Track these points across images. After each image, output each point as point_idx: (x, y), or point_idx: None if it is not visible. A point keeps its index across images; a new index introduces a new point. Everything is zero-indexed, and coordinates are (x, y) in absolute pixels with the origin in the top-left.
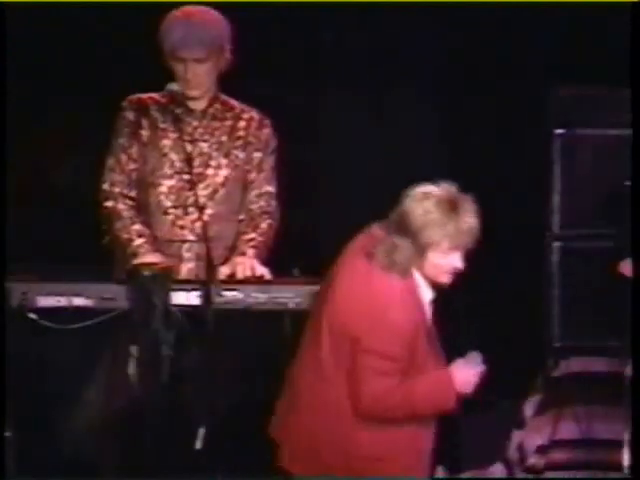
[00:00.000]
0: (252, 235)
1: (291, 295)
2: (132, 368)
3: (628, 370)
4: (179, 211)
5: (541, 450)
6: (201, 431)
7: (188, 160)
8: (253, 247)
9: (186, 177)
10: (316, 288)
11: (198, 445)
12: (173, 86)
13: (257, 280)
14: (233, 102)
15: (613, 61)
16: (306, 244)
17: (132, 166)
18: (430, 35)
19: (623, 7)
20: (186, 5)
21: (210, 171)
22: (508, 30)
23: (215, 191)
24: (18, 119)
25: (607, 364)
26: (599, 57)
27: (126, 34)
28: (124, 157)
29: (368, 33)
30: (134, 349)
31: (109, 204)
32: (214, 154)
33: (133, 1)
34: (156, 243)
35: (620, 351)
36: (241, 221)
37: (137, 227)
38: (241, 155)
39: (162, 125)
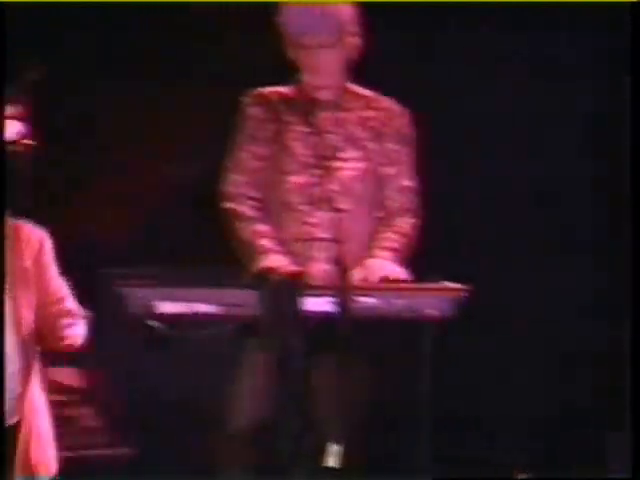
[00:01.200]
0: (390, 235)
1: (434, 303)
2: (260, 380)
3: None
4: (309, 207)
5: None
6: (333, 448)
7: (317, 154)
8: (391, 248)
9: (316, 172)
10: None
11: (330, 462)
12: (298, 77)
13: (395, 286)
14: (365, 91)
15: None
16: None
17: (255, 164)
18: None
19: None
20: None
21: (341, 164)
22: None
23: (347, 186)
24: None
25: None
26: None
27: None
28: (246, 155)
29: None
30: (262, 359)
31: (231, 205)
32: (345, 146)
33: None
34: (283, 245)
35: None
36: (379, 219)
37: (261, 228)
38: (375, 147)
39: (288, 118)
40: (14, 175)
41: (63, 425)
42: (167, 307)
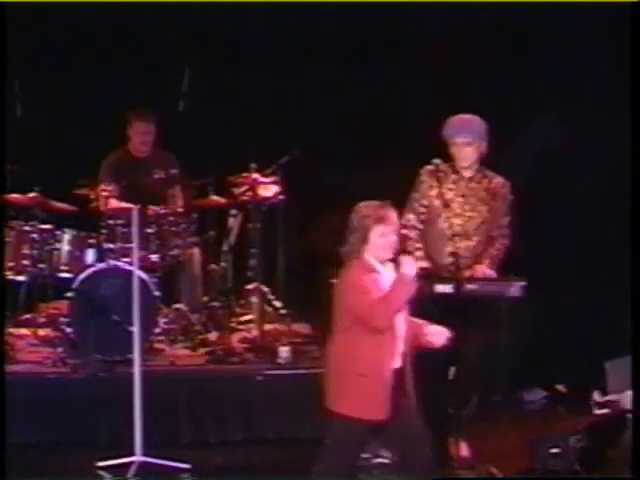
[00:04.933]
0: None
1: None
2: None
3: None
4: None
5: None
6: None
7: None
8: (489, 258)
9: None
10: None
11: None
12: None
13: (486, 277)
14: (487, 171)
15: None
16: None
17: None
18: None
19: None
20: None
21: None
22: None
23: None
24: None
25: None
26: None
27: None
28: (417, 204)
29: None
30: None
31: (404, 231)
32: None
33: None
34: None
35: None
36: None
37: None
38: (490, 204)
39: (447, 185)
40: None
41: None
42: None
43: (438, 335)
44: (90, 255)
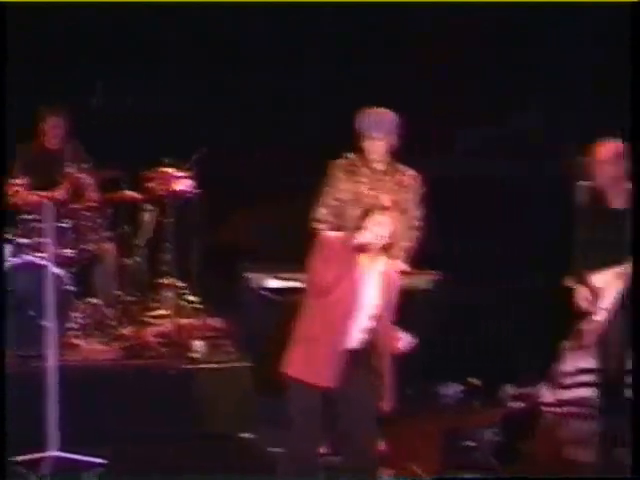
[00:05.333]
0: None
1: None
2: None
3: None
4: None
5: (571, 374)
6: None
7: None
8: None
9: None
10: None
11: None
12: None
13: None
14: (399, 165)
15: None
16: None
17: (334, 203)
18: None
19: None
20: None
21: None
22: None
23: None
24: None
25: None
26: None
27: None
28: (330, 197)
29: None
30: None
31: (317, 224)
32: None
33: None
34: None
35: None
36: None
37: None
38: (400, 196)
39: (358, 178)
40: None
41: None
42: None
43: (403, 341)
44: (5, 250)
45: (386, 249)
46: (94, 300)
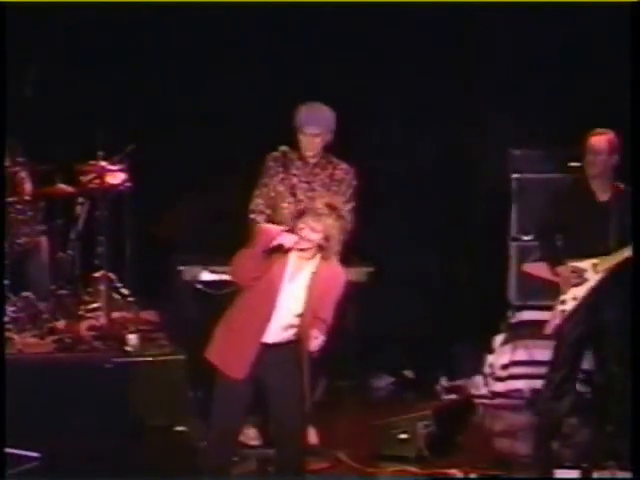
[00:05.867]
0: None
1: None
2: None
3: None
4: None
5: (504, 367)
6: None
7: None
8: None
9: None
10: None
11: None
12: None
13: None
14: (332, 158)
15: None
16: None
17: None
18: None
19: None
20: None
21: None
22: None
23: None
24: None
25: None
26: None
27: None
28: (266, 190)
29: None
30: None
31: (252, 216)
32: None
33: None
34: None
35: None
36: None
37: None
38: (333, 189)
39: (292, 170)
40: None
41: None
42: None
43: (315, 341)
44: None
45: (320, 250)
46: (27, 294)
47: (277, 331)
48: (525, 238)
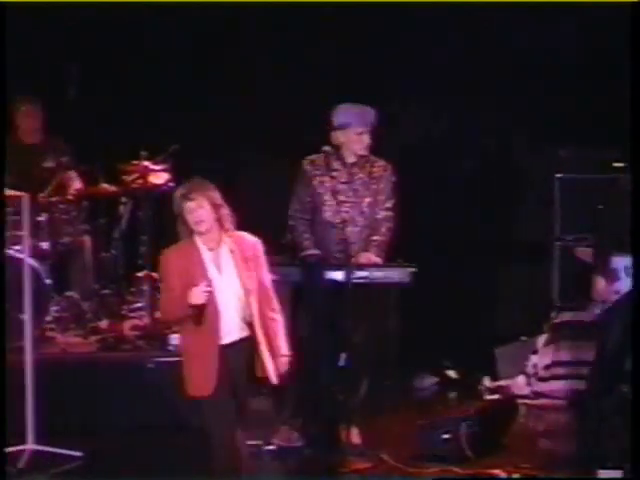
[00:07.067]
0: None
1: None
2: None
3: None
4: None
5: (547, 367)
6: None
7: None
8: (375, 244)
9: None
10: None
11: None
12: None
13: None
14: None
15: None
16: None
17: (307, 199)
18: None
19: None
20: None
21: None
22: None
23: (361, 210)
24: None
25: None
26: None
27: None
28: (302, 194)
29: None
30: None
31: (291, 222)
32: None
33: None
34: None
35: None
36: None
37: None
38: (374, 188)
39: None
40: None
41: None
42: None
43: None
44: None
45: (219, 225)
46: (71, 293)
47: (232, 327)
48: (568, 238)
